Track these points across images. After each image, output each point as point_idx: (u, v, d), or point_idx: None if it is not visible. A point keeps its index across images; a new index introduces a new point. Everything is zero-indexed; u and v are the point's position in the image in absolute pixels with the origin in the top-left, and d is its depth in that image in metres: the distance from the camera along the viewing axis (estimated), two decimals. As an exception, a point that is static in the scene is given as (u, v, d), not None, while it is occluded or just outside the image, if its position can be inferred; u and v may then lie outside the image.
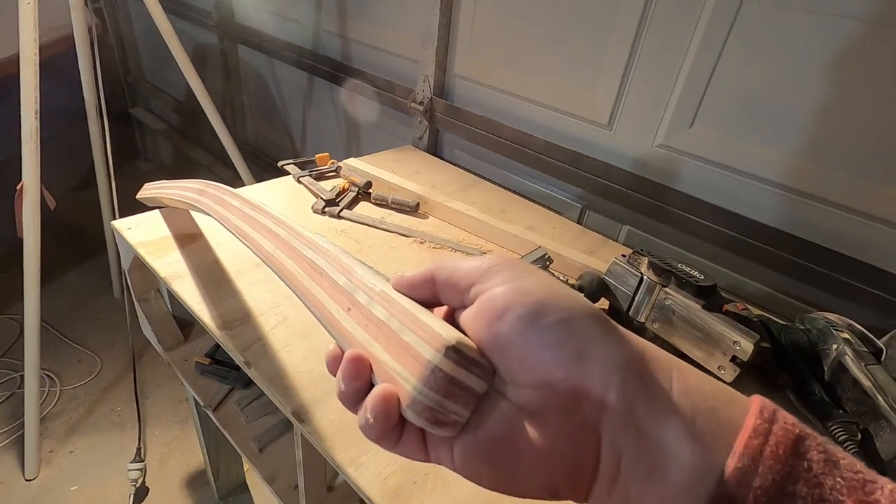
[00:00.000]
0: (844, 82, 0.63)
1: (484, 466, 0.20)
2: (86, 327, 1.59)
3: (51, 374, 1.41)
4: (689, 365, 0.20)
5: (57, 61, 1.39)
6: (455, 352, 0.21)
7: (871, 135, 0.63)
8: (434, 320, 0.22)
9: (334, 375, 0.24)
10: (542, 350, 0.19)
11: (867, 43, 0.60)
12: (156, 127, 2.23)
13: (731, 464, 0.16)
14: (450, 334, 0.21)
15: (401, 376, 0.21)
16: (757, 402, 0.18)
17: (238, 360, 0.54)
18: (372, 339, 0.24)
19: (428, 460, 0.22)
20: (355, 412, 0.23)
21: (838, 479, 0.16)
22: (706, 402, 0.18)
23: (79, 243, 1.87)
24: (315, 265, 0.31)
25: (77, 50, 1.20)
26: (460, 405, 0.21)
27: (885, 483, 0.16)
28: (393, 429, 0.21)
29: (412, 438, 0.22)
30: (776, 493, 0.15)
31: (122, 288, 1.72)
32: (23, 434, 1.20)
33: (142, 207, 0.75)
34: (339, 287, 0.28)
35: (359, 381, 0.22)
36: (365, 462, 0.45)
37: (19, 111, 0.94)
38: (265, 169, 1.69)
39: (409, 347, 0.22)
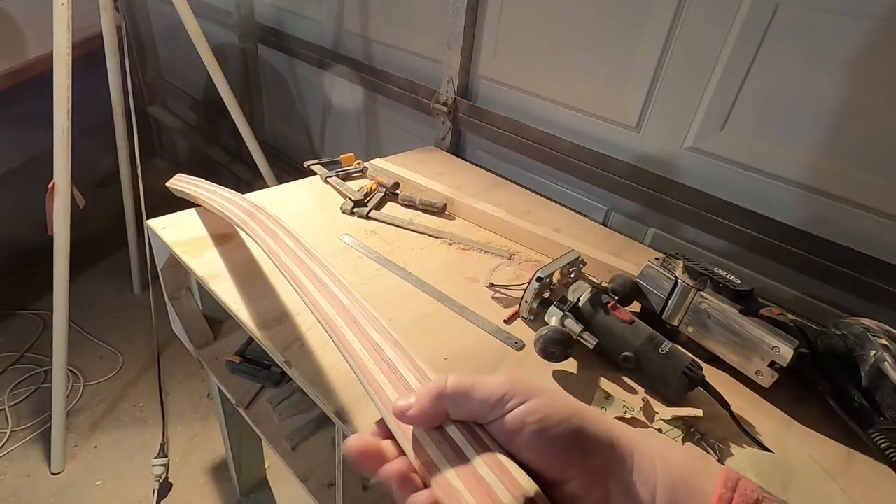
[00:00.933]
0: (877, 83, 0.62)
1: None
2: (106, 324, 1.61)
3: (74, 370, 1.43)
4: (669, 441, 0.24)
5: (81, 61, 1.40)
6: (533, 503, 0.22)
7: (908, 139, 0.63)
8: (511, 464, 0.23)
9: (367, 464, 0.25)
10: (556, 451, 0.23)
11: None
12: (173, 125, 2.25)
13: None
14: (529, 484, 0.22)
15: None
16: (723, 474, 0.22)
17: (278, 359, 0.55)
18: (444, 459, 0.24)
19: None
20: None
21: None
22: (683, 476, 0.23)
23: (98, 240, 1.89)
24: (382, 352, 0.31)
25: (105, 49, 1.22)
26: None
27: None
28: None
29: None
30: None
31: (142, 285, 1.74)
32: (48, 429, 1.22)
33: (167, 205, 0.76)
34: (410, 387, 0.28)
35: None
36: (409, 463, 0.46)
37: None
38: (283, 169, 1.70)
39: (485, 484, 0.23)
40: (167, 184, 0.79)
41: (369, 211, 0.83)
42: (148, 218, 0.74)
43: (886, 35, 0.60)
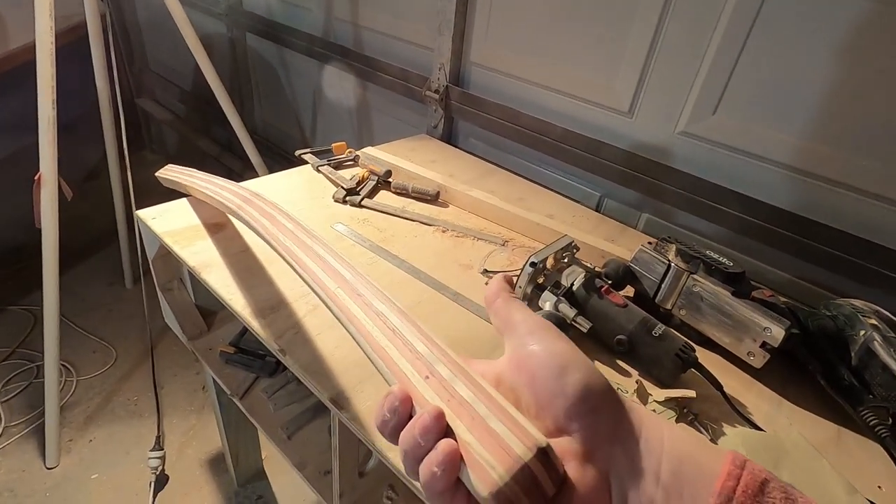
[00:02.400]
0: (867, 66, 0.63)
1: None
2: (99, 318, 1.60)
3: (66, 365, 1.42)
4: (675, 423, 0.24)
5: (65, 51, 1.38)
6: (544, 454, 0.22)
7: (892, 119, 0.63)
8: (522, 417, 0.24)
9: (393, 416, 0.25)
10: (566, 401, 0.24)
11: (889, 26, 0.60)
12: (161, 117, 2.22)
13: (712, 502, 0.20)
14: (540, 437, 0.23)
15: (487, 462, 0.22)
16: (731, 453, 0.22)
17: (273, 347, 0.54)
18: (454, 415, 0.24)
19: None
20: (413, 468, 0.24)
21: None
22: (691, 452, 0.23)
23: (88, 234, 1.87)
24: (387, 321, 0.31)
25: (90, 39, 1.19)
26: (530, 503, 0.22)
27: None
28: (451, 486, 0.23)
29: (462, 496, 0.23)
30: None
31: (133, 278, 1.72)
32: (41, 424, 1.22)
33: (158, 198, 0.75)
34: (418, 353, 0.28)
35: (434, 440, 0.23)
36: (405, 447, 0.46)
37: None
38: (274, 159, 1.68)
39: (497, 436, 0.23)
40: (157, 174, 0.78)
41: (362, 199, 0.83)
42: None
43: (877, 18, 0.60)
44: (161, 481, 1.19)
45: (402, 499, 0.64)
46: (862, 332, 0.57)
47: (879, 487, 0.49)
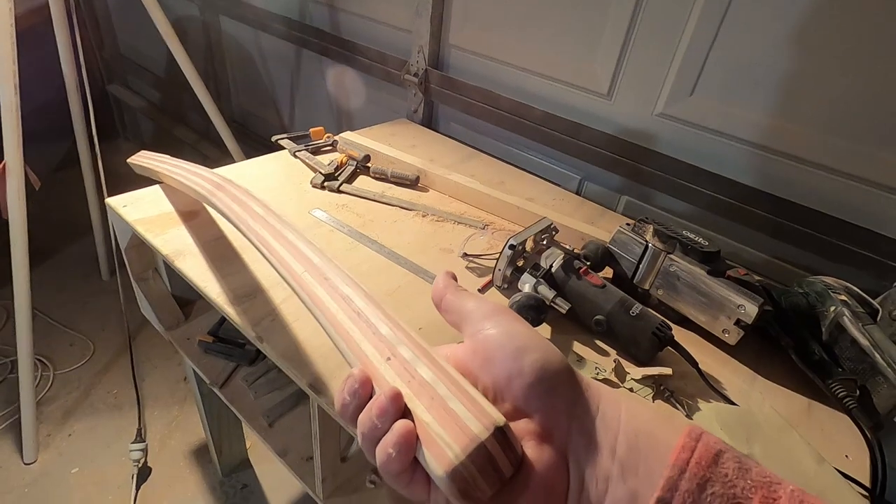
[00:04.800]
0: (844, 47, 0.63)
1: None
2: (75, 311, 1.57)
3: (42, 359, 1.39)
4: (637, 398, 0.24)
5: (28, 35, 1.33)
6: (501, 433, 0.22)
7: (867, 100, 0.64)
8: (481, 397, 0.24)
9: (353, 399, 0.25)
10: (523, 380, 0.24)
11: (862, 7, 0.60)
12: (135, 104, 2.16)
13: (665, 473, 0.21)
14: (498, 416, 0.23)
15: (443, 441, 0.22)
16: (688, 427, 0.22)
17: (249, 335, 0.54)
18: (413, 396, 0.24)
19: (428, 503, 0.24)
20: (370, 450, 0.24)
21: (748, 481, 0.20)
22: (648, 427, 0.23)
23: (61, 226, 1.82)
24: (352, 304, 0.31)
25: (54, 22, 1.15)
26: (488, 484, 0.22)
27: (788, 485, 0.20)
28: (407, 468, 0.23)
29: (420, 480, 0.23)
30: (699, 494, 0.20)
31: (110, 270, 1.68)
32: (18, 419, 1.19)
33: (132, 187, 0.73)
34: (381, 336, 0.28)
35: (390, 421, 0.23)
36: (384, 430, 0.46)
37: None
38: (252, 146, 1.65)
39: (455, 416, 0.23)
40: (129, 160, 0.75)
41: (340, 185, 0.82)
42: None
43: (836, 3, 0.61)
44: (143, 473, 1.18)
45: (385, 483, 0.65)
46: (832, 309, 0.59)
47: (847, 457, 0.50)
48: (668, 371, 0.54)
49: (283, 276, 0.36)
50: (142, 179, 0.75)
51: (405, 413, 0.23)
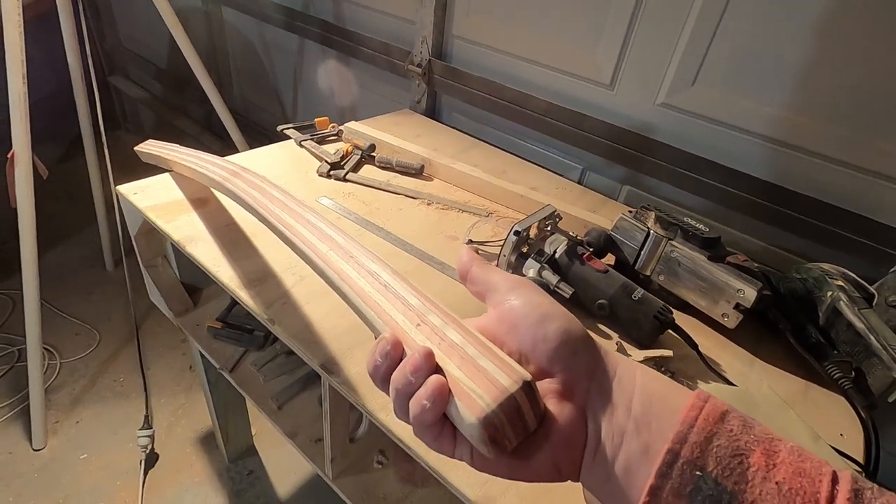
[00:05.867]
0: (842, 36, 0.64)
1: (501, 468, 0.25)
2: (80, 301, 1.58)
3: (49, 348, 1.41)
4: (647, 367, 0.26)
5: (33, 26, 1.33)
6: (528, 387, 0.24)
7: (867, 90, 0.65)
8: (508, 357, 0.25)
9: (385, 360, 0.26)
10: (547, 345, 0.25)
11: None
12: (136, 95, 2.16)
13: (675, 428, 0.22)
14: (525, 372, 0.24)
15: (474, 392, 0.23)
16: (697, 391, 0.24)
17: (262, 317, 0.55)
18: (444, 356, 0.25)
19: (452, 456, 0.26)
20: (403, 405, 0.25)
21: (752, 436, 0.22)
22: (661, 390, 0.25)
23: (67, 218, 1.83)
24: (380, 278, 0.32)
25: (59, 11, 1.15)
26: (514, 433, 0.24)
27: (788, 441, 0.22)
28: (438, 421, 0.25)
29: (448, 434, 0.25)
30: (705, 445, 0.22)
31: (114, 261, 1.69)
32: (26, 407, 1.21)
33: (136, 178, 0.74)
34: (410, 305, 0.29)
35: (424, 377, 0.25)
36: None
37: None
38: (255, 137, 1.65)
39: (485, 372, 0.24)
40: (136, 148, 0.76)
41: (346, 173, 0.83)
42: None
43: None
44: (151, 459, 1.20)
45: (393, 463, 0.66)
46: (829, 294, 0.60)
47: (842, 435, 0.52)
48: (668, 353, 0.56)
49: (308, 255, 0.37)
50: (144, 171, 0.76)
51: (437, 371, 0.25)
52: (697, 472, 0.21)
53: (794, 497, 0.20)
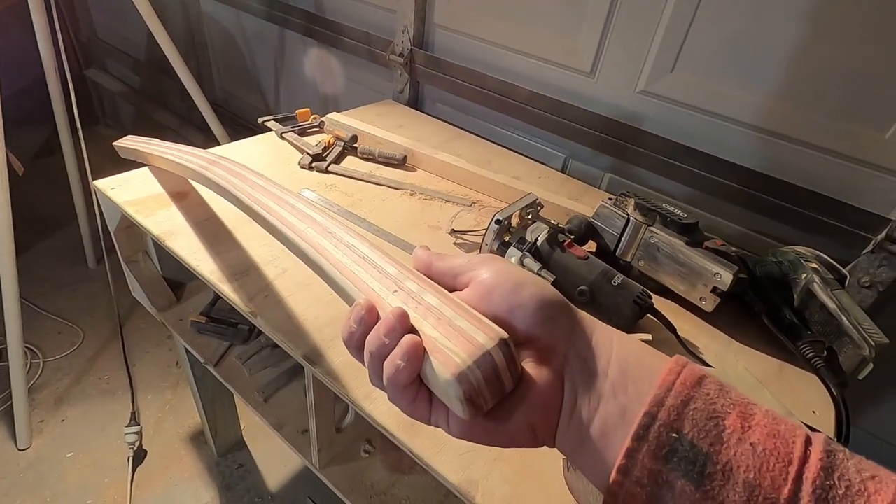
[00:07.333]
0: (821, 23, 0.65)
1: (476, 431, 0.25)
2: (62, 299, 1.56)
3: (31, 347, 1.39)
4: (624, 334, 0.26)
5: (3, 16, 1.29)
6: (505, 345, 0.23)
7: (843, 76, 0.66)
8: (484, 318, 0.25)
9: (359, 326, 0.26)
10: (524, 311, 0.26)
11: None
12: (114, 89, 2.11)
13: (653, 392, 0.23)
14: (502, 331, 0.24)
15: (450, 350, 0.23)
16: (675, 357, 0.25)
17: (244, 310, 0.55)
18: (419, 318, 0.25)
19: (428, 423, 0.26)
20: (377, 367, 0.25)
21: (728, 400, 0.22)
22: (638, 354, 0.25)
23: (45, 214, 1.80)
24: (357, 251, 0.32)
25: (30, 3, 1.12)
26: (490, 394, 0.23)
27: (762, 406, 0.23)
28: (412, 384, 0.24)
29: (423, 398, 0.25)
30: (682, 409, 0.22)
31: (96, 258, 1.67)
32: (9, 407, 1.19)
33: (112, 171, 0.72)
34: (388, 274, 0.29)
35: (398, 338, 0.24)
36: (378, 397, 0.48)
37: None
38: (237, 130, 1.63)
39: (462, 331, 0.24)
40: (114, 143, 0.75)
41: (328, 165, 0.83)
42: (95, 186, 0.71)
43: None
44: (139, 456, 1.19)
45: (380, 451, 0.67)
46: (804, 276, 0.61)
47: (814, 412, 0.54)
48: (647, 337, 0.57)
49: (287, 235, 0.37)
50: (124, 167, 0.75)
51: (412, 332, 0.25)
52: (674, 435, 0.21)
53: (769, 457, 0.21)
